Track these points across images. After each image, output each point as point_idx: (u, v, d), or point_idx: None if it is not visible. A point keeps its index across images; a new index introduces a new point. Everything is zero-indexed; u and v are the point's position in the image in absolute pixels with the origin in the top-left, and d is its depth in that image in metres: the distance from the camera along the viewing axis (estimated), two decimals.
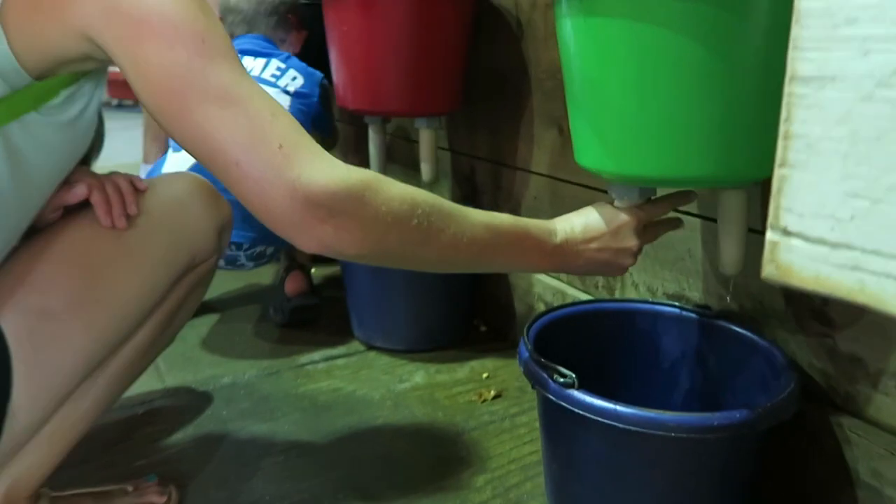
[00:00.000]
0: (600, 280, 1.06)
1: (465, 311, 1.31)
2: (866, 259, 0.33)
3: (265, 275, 1.65)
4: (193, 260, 0.75)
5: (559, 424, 0.73)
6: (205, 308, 1.46)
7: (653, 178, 0.66)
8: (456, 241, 0.60)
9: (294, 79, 1.28)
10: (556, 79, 1.07)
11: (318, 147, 0.56)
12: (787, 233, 0.37)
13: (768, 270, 0.38)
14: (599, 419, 0.65)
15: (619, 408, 0.64)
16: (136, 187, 0.71)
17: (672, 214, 0.78)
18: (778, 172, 0.37)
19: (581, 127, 0.70)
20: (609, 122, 0.65)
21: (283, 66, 1.29)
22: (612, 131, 0.65)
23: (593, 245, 0.70)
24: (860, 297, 0.34)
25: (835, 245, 0.35)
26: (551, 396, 0.69)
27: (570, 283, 1.13)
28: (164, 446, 0.97)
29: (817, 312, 0.75)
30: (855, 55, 0.32)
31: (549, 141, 1.12)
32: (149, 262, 0.70)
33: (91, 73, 0.64)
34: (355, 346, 1.28)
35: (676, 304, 0.87)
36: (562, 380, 0.68)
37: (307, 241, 0.55)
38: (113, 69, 0.63)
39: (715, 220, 0.83)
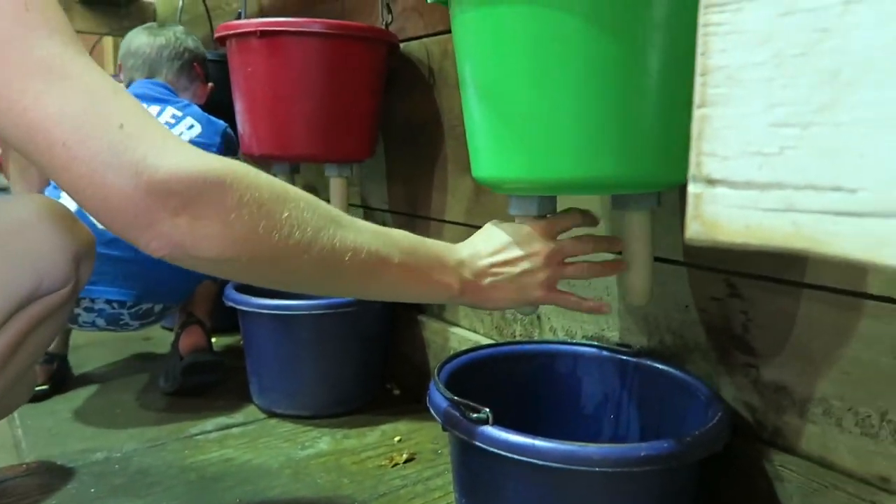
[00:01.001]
0: (518, 328, 1.01)
1: (376, 373, 1.22)
2: (799, 196, 0.29)
3: (157, 344, 1.51)
4: (38, 287, 0.64)
5: (474, 469, 0.65)
6: (82, 380, 1.31)
7: (554, 181, 0.62)
8: (338, 244, 0.52)
9: (190, 127, 1.20)
10: None
11: (170, 132, 0.48)
12: (710, 181, 0.32)
13: (693, 229, 0.33)
14: (517, 457, 0.58)
15: (538, 442, 0.58)
16: None
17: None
18: (697, 114, 0.33)
19: (478, 135, 0.66)
20: (509, 122, 0.61)
21: (179, 113, 1.20)
22: (512, 133, 0.61)
23: (500, 257, 0.64)
24: (796, 242, 0.30)
25: (764, 186, 0.30)
26: (463, 436, 0.62)
27: (486, 335, 1.07)
28: None
29: (738, 340, 0.72)
30: None
31: (464, 188, 1.09)
32: None
33: None
34: (254, 413, 1.16)
35: (596, 343, 0.83)
36: (475, 416, 0.61)
37: (155, 239, 0.45)
38: None
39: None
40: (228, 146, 1.28)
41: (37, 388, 1.20)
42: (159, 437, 1.07)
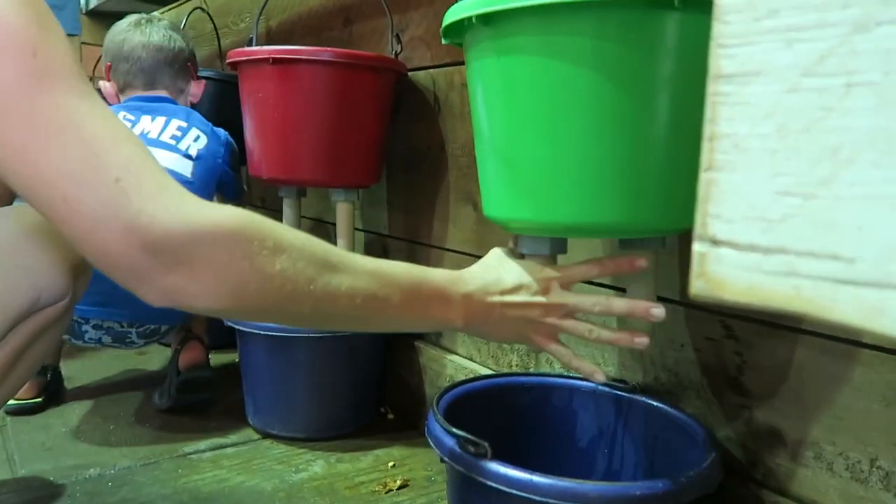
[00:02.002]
0: (514, 358, 1.02)
1: (371, 397, 1.22)
2: (800, 262, 0.31)
3: (152, 360, 1.51)
4: (37, 301, 0.65)
5: (471, 502, 0.66)
6: (76, 394, 1.31)
7: (561, 225, 0.63)
8: (332, 291, 0.53)
9: (197, 139, 1.21)
10: (472, 155, 1.07)
11: (170, 180, 0.48)
12: (715, 242, 0.34)
13: (697, 286, 0.34)
14: (515, 492, 0.59)
15: (536, 478, 0.58)
16: None
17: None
18: (704, 177, 0.35)
19: (489, 176, 0.68)
20: (518, 168, 0.63)
21: (184, 124, 1.21)
22: (521, 178, 0.63)
23: (508, 298, 0.64)
24: (797, 305, 0.31)
25: (767, 250, 0.32)
26: (462, 469, 0.63)
27: (482, 364, 1.08)
28: None
29: (732, 381, 0.73)
30: (779, 47, 0.31)
31: (464, 217, 1.10)
32: None
33: None
34: (249, 433, 1.16)
35: None
36: (473, 449, 0.62)
37: (151, 292, 0.47)
38: None
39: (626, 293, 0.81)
40: (233, 154, 1.30)
41: (31, 401, 1.20)
42: (153, 455, 1.07)
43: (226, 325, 1.16)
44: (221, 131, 1.28)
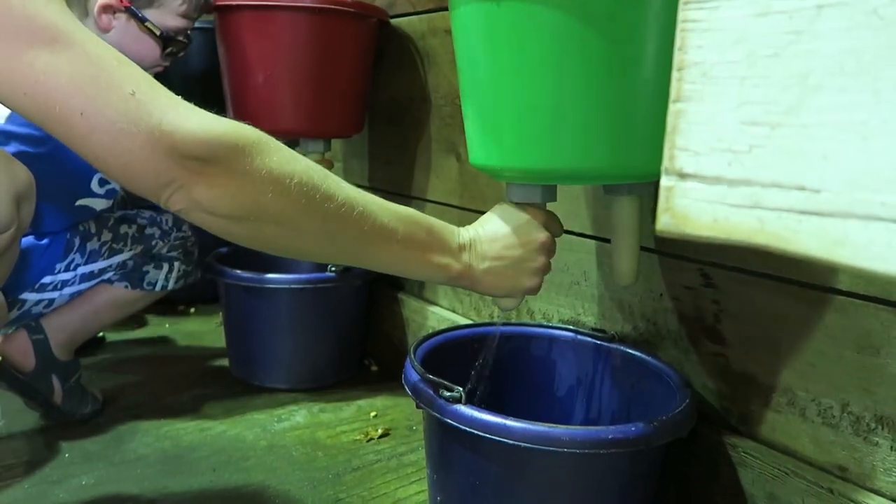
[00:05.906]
0: (496, 310, 1.02)
1: (354, 349, 1.22)
2: (765, 194, 0.30)
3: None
4: None
5: (446, 446, 0.66)
6: None
7: (549, 172, 0.62)
8: (344, 212, 0.54)
9: None
10: (455, 104, 1.05)
11: (178, 97, 0.49)
12: (682, 175, 0.33)
13: (663, 221, 0.34)
14: (489, 436, 0.59)
15: (510, 422, 0.59)
16: None
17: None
18: (672, 109, 0.34)
19: (475, 124, 0.66)
20: (505, 114, 0.62)
21: None
22: (508, 124, 0.62)
23: (499, 244, 0.65)
24: (760, 238, 0.30)
25: (732, 182, 0.31)
26: (436, 414, 0.63)
27: (464, 315, 1.08)
28: None
29: (709, 329, 0.73)
30: None
31: (447, 168, 1.09)
32: None
33: None
34: (231, 383, 1.16)
35: (571, 327, 0.84)
36: (448, 394, 0.62)
37: (174, 195, 0.49)
38: None
39: (610, 241, 0.81)
40: None
41: None
42: (135, 403, 1.07)
43: (208, 277, 1.15)
44: None
